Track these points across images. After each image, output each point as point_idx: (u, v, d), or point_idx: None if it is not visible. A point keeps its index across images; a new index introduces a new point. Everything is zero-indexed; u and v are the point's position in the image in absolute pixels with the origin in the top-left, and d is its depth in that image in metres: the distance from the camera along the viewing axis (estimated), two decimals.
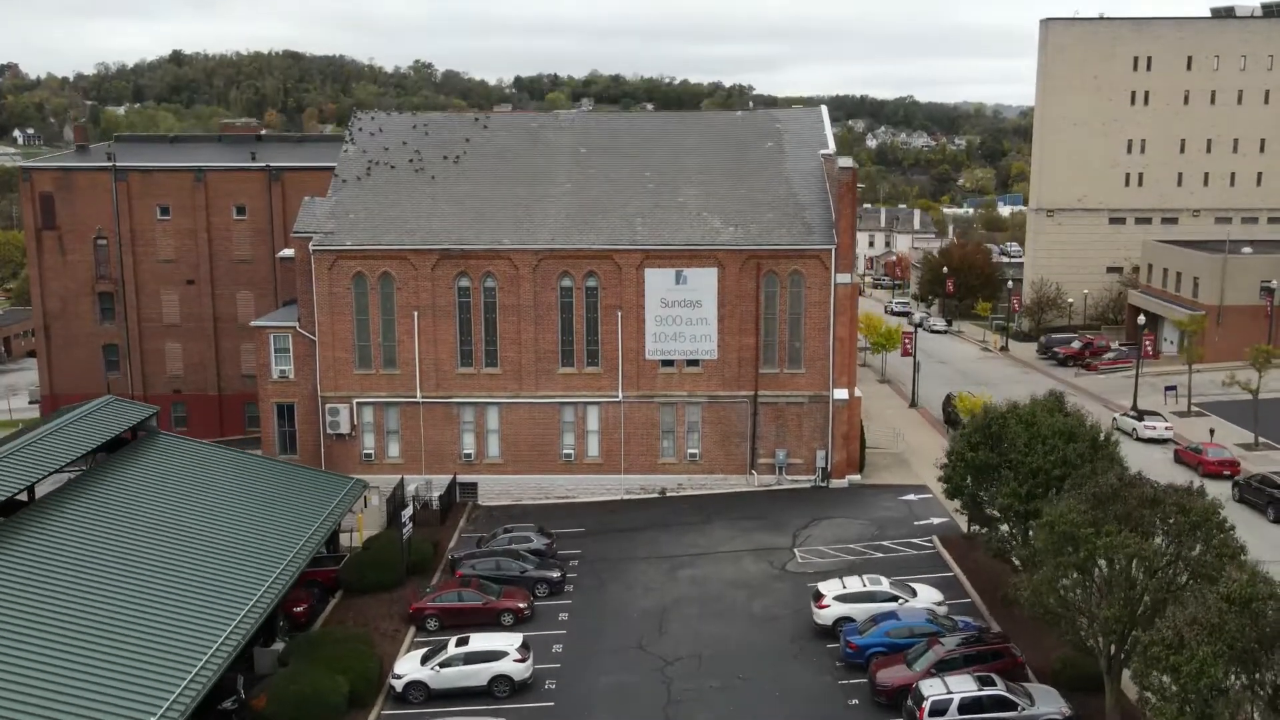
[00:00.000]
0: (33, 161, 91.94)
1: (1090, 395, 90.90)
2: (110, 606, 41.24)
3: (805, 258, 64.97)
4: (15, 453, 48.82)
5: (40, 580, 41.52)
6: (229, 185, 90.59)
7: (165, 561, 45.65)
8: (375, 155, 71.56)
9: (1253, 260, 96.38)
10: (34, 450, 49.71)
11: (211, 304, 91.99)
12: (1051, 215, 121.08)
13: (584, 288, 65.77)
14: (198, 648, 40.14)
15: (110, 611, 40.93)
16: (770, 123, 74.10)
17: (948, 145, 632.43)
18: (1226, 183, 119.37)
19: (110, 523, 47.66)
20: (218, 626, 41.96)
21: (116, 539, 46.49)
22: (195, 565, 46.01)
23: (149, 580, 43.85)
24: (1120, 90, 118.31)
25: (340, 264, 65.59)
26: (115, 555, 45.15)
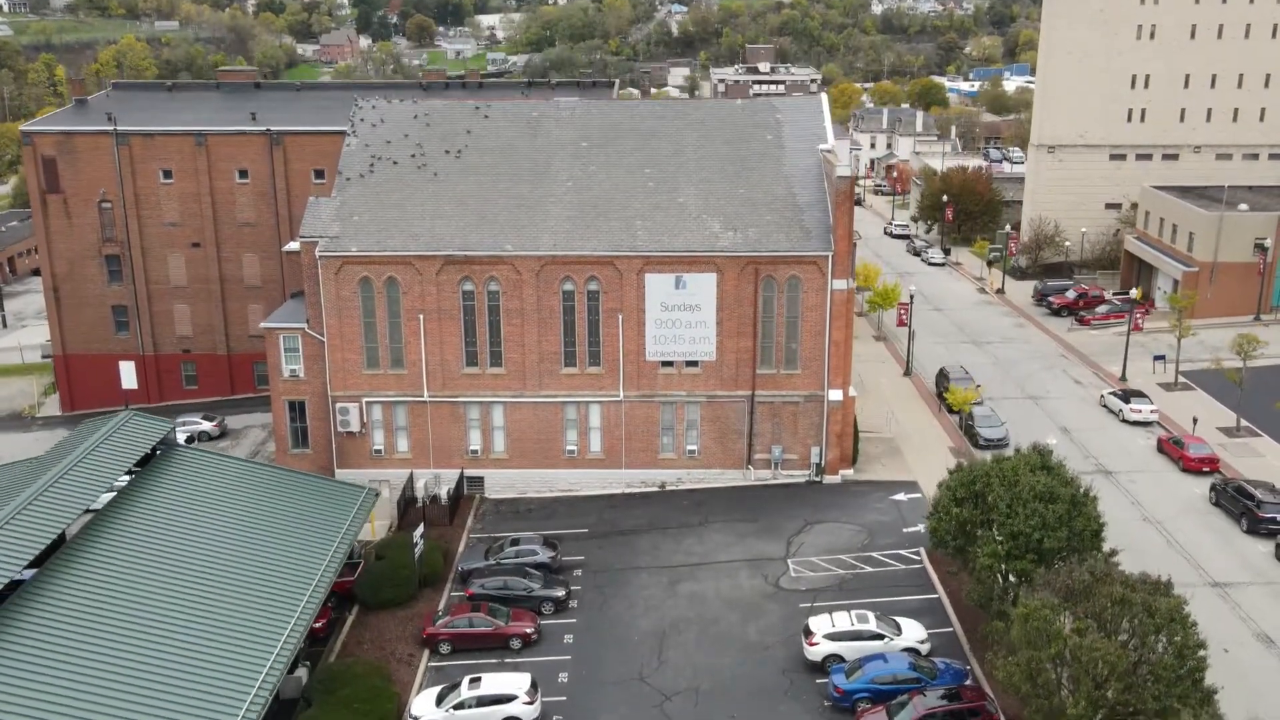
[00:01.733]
0: (33, 125, 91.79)
1: (1081, 357, 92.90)
2: (156, 642, 44.44)
3: (803, 263, 66.21)
4: (46, 491, 51.10)
5: (87, 619, 44.55)
6: (230, 149, 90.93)
7: (202, 591, 48.53)
8: (378, 149, 72.00)
9: (1248, 218, 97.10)
10: (65, 487, 51.93)
11: (218, 266, 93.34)
12: (1053, 152, 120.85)
13: (585, 291, 67.19)
14: (244, 680, 43.47)
15: (156, 647, 44.14)
16: (770, 113, 74.17)
17: (954, 10, 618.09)
18: (1229, 118, 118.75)
19: (145, 555, 50.19)
20: (258, 659, 45.11)
21: (154, 571, 49.17)
22: (231, 593, 48.99)
23: (190, 612, 46.85)
24: (1127, 24, 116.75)
25: (347, 269, 66.89)
26: (155, 588, 47.89)
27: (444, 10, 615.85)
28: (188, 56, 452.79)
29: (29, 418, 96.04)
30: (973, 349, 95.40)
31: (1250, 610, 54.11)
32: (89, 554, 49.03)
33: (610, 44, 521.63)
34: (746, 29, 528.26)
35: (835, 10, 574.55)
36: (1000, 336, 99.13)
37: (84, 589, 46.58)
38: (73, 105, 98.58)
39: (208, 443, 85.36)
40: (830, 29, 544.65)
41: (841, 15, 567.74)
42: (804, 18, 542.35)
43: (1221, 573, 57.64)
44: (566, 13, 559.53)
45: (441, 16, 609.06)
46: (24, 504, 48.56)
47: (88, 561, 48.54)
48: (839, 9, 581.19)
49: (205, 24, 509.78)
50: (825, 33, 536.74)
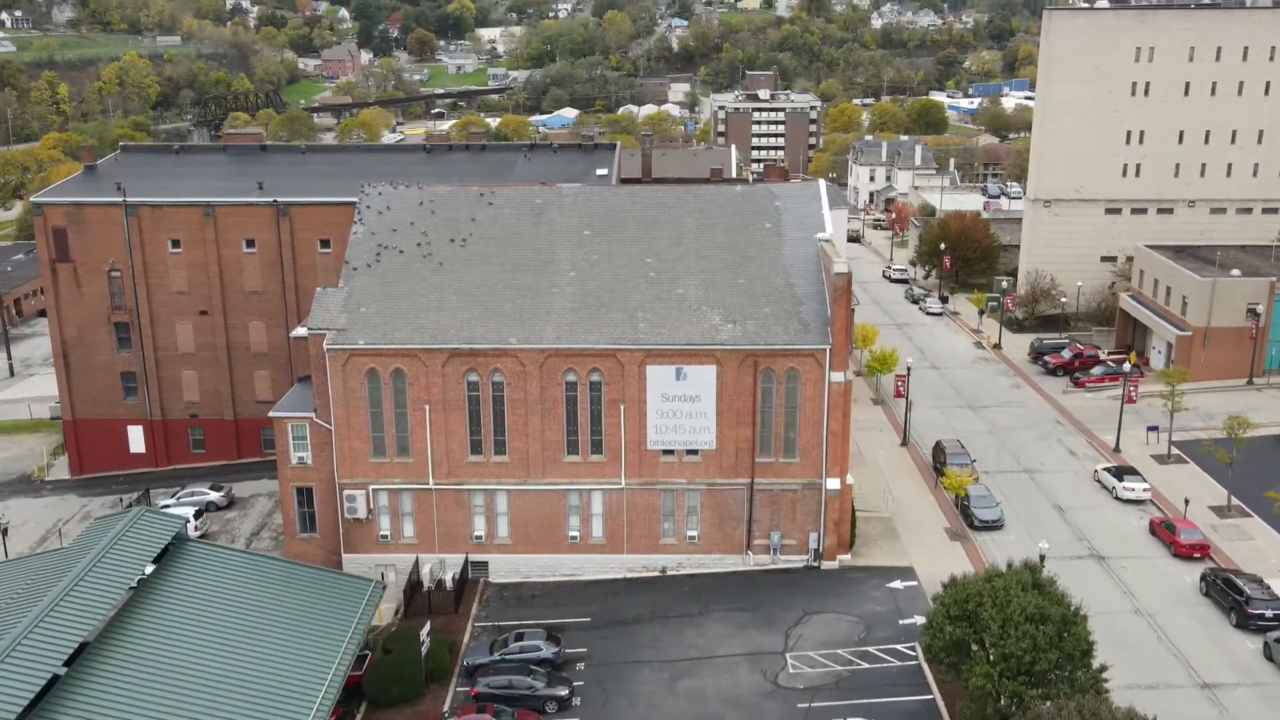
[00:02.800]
0: (44, 196, 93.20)
1: (1076, 424, 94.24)
2: None
3: (801, 356, 67.61)
4: (64, 597, 52.48)
5: None
6: (238, 219, 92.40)
7: (220, 693, 50.22)
8: (384, 238, 73.41)
9: (1240, 284, 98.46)
10: (85, 590, 53.32)
11: (225, 334, 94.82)
12: (1049, 206, 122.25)
13: (588, 383, 68.59)
14: None
15: None
16: (769, 200, 75.59)
17: (954, 25, 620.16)
18: (1223, 174, 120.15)
19: (164, 656, 51.89)
20: None
21: (172, 672, 50.88)
22: (247, 694, 50.66)
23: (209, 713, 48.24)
24: (1121, 81, 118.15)
25: (354, 361, 68.27)
26: (174, 690, 49.71)
27: (444, 24, 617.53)
28: (190, 73, 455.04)
29: (39, 481, 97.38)
30: (969, 414, 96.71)
31: (1239, 715, 55.39)
32: (110, 656, 50.63)
33: (611, 59, 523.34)
34: (746, 44, 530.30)
35: (835, 25, 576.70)
36: (996, 400, 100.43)
37: (107, 692, 48.19)
38: (82, 172, 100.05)
39: (215, 513, 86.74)
40: (830, 44, 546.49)
41: (841, 30, 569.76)
42: (804, 33, 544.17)
43: (1211, 672, 58.93)
44: (567, 27, 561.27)
45: (442, 30, 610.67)
46: (48, 608, 50.49)
47: (109, 663, 50.15)
48: (839, 23, 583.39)
49: (207, 39, 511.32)
50: (825, 48, 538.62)
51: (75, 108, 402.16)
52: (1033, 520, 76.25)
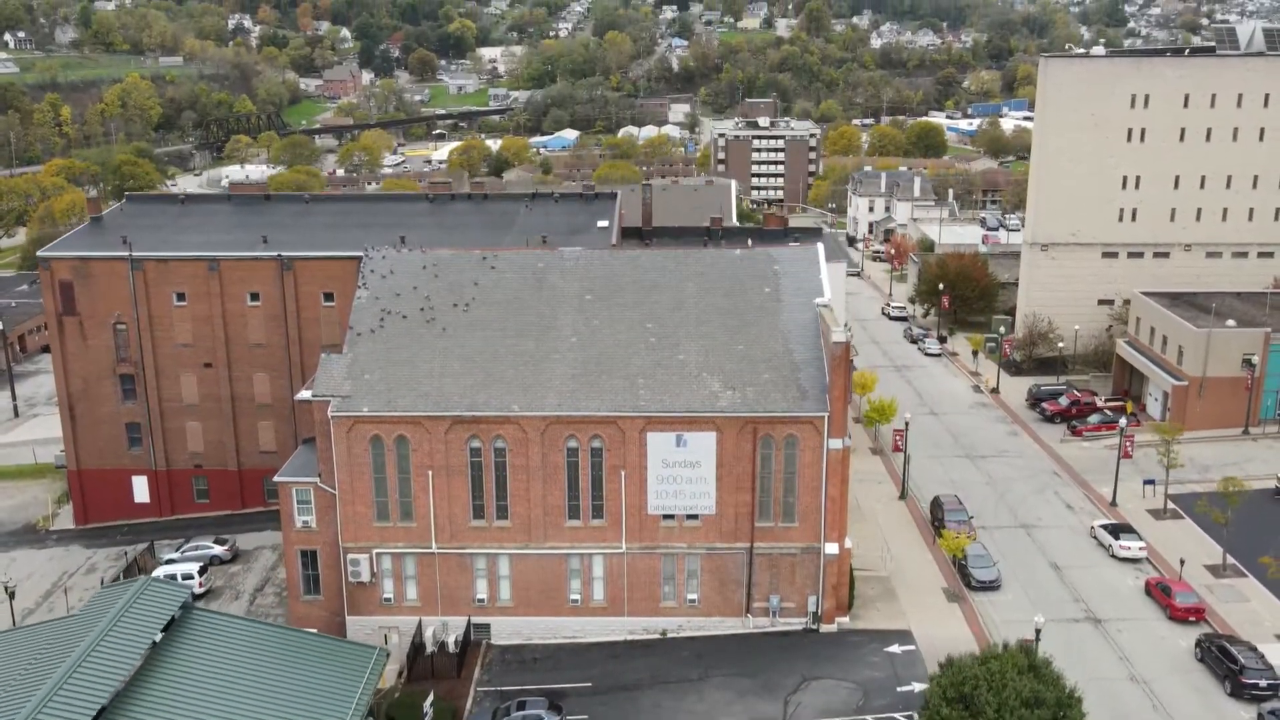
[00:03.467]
0: (51, 251, 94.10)
1: (1073, 475, 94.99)
2: None
3: (800, 423, 68.43)
4: (78, 668, 53.25)
5: None
6: (242, 273, 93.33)
7: None
8: (387, 302, 74.33)
9: (1235, 335, 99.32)
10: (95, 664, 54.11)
11: (229, 385, 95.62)
12: (1046, 250, 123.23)
13: (589, 449, 69.41)
14: None
15: None
16: (768, 264, 76.54)
17: (953, 45, 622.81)
18: (1218, 218, 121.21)
19: None
20: None
21: None
22: None
23: None
24: (1117, 127, 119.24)
25: (358, 428, 69.11)
26: None
27: (446, 43, 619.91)
28: (192, 95, 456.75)
29: (43, 531, 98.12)
30: (967, 465, 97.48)
31: None
32: None
33: (611, 79, 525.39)
34: (746, 65, 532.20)
35: (834, 45, 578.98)
36: (994, 449, 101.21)
37: None
38: (88, 224, 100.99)
39: (219, 566, 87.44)
40: (830, 64, 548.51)
41: (841, 50, 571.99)
42: (803, 53, 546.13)
43: None
44: (568, 48, 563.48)
45: (443, 50, 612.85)
46: (63, 679, 51.57)
47: None
48: (838, 44, 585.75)
49: (209, 60, 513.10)
50: (825, 68, 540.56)
51: (78, 130, 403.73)
52: (1030, 580, 76.96)
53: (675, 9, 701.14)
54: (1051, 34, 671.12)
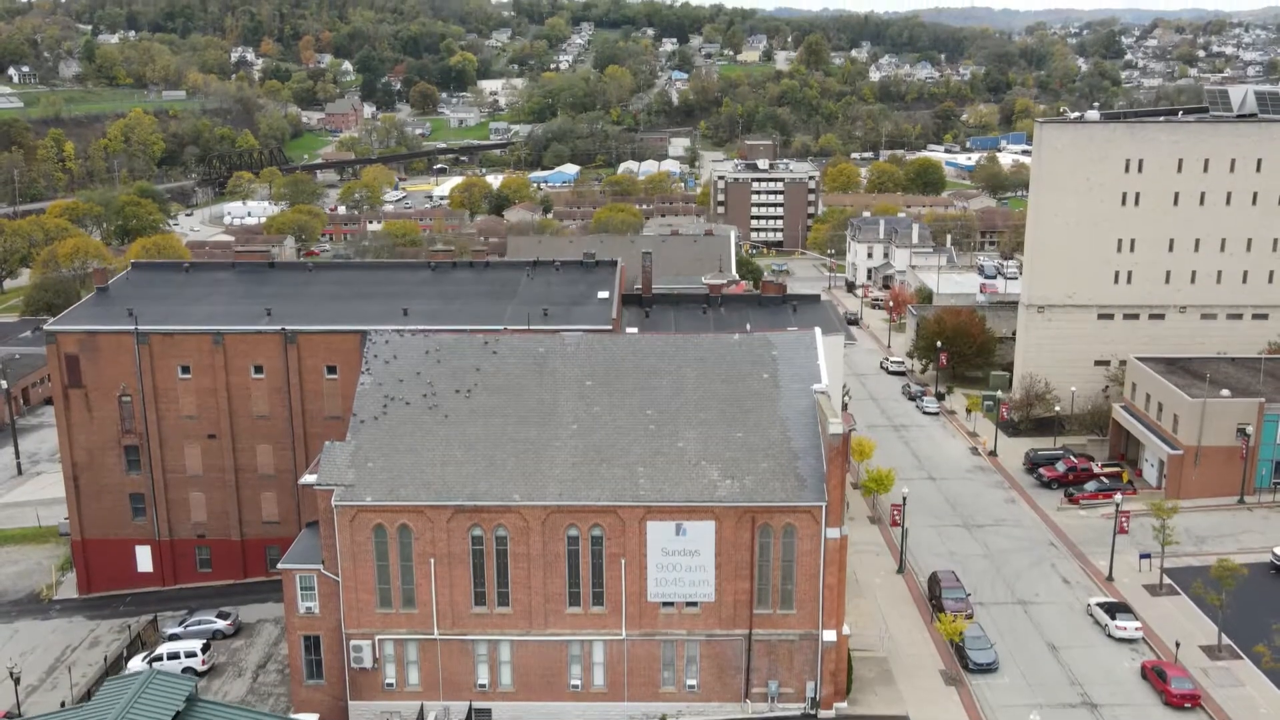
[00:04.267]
0: (57, 325, 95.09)
1: (1069, 546, 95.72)
2: None
3: (798, 513, 69.32)
4: None
5: None
6: (246, 346, 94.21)
7: None
8: (390, 389, 75.31)
9: (1230, 405, 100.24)
10: None
11: (233, 457, 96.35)
12: (1042, 312, 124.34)
13: (590, 537, 70.27)
14: None
15: None
16: (766, 349, 77.57)
17: (951, 77, 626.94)
18: (1213, 280, 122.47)
19: None
20: None
21: None
22: None
23: None
24: (1112, 191, 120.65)
25: (361, 517, 70.01)
26: None
27: (447, 76, 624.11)
28: (194, 130, 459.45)
29: (47, 601, 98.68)
30: (964, 535, 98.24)
31: None
32: None
33: (612, 113, 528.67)
34: (746, 99, 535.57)
35: (834, 78, 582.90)
36: (992, 518, 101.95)
37: None
38: (94, 295, 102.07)
39: (222, 641, 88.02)
40: (829, 97, 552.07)
41: (840, 83, 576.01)
42: (803, 87, 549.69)
43: None
44: (569, 82, 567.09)
45: (444, 82, 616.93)
46: None
47: None
48: (837, 77, 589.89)
49: (212, 94, 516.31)
50: (824, 101, 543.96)
51: (81, 165, 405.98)
52: (1027, 661, 77.60)
53: (675, 41, 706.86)
54: (1049, 66, 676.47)
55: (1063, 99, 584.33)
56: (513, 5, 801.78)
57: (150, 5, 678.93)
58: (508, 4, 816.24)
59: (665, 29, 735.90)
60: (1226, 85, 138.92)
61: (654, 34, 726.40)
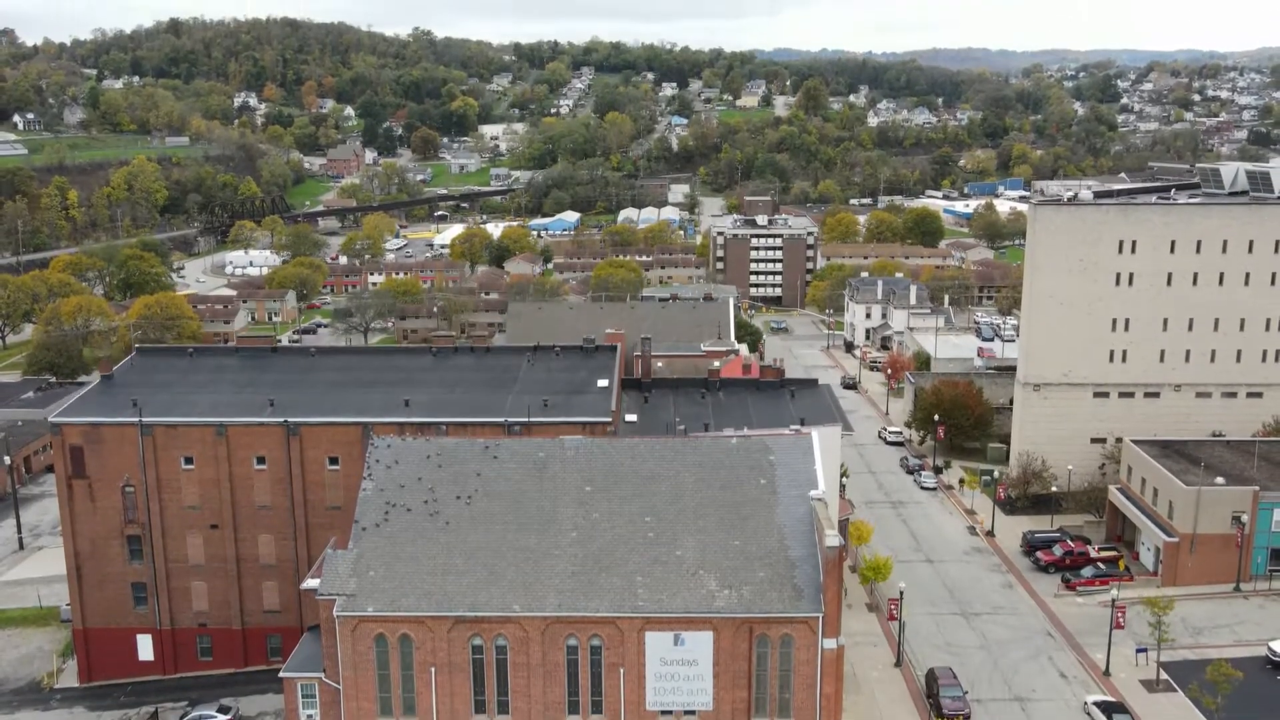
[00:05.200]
0: (62, 416, 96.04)
1: (1067, 636, 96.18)
2: None
3: (795, 623, 69.97)
4: None
5: None
6: (249, 438, 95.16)
7: None
8: (392, 495, 76.18)
9: (1225, 493, 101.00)
10: None
11: (234, 546, 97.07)
12: (1038, 390, 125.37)
13: (589, 647, 70.92)
14: None
15: None
16: (764, 454, 78.49)
17: (949, 122, 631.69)
18: (1207, 359, 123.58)
19: None
20: None
21: None
22: None
23: None
24: (1106, 271, 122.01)
25: (363, 626, 70.69)
26: None
27: (448, 121, 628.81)
28: (197, 177, 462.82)
29: (47, 690, 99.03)
30: (962, 624, 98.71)
31: None
32: None
33: (612, 159, 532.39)
34: (745, 144, 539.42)
35: (832, 124, 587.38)
36: (989, 605, 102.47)
37: None
38: (99, 383, 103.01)
39: None
40: (827, 143, 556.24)
41: (838, 128, 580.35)
42: (801, 133, 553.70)
43: None
44: (570, 128, 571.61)
45: (446, 127, 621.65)
46: None
47: None
48: (836, 122, 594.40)
49: (215, 141, 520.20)
50: (823, 147, 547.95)
51: (85, 214, 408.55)
52: None
53: (675, 86, 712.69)
54: (1046, 110, 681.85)
55: (1059, 144, 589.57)
56: (514, 50, 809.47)
57: (155, 51, 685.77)
58: (508, 48, 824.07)
59: (665, 73, 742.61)
60: (1219, 164, 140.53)
61: (654, 78, 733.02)
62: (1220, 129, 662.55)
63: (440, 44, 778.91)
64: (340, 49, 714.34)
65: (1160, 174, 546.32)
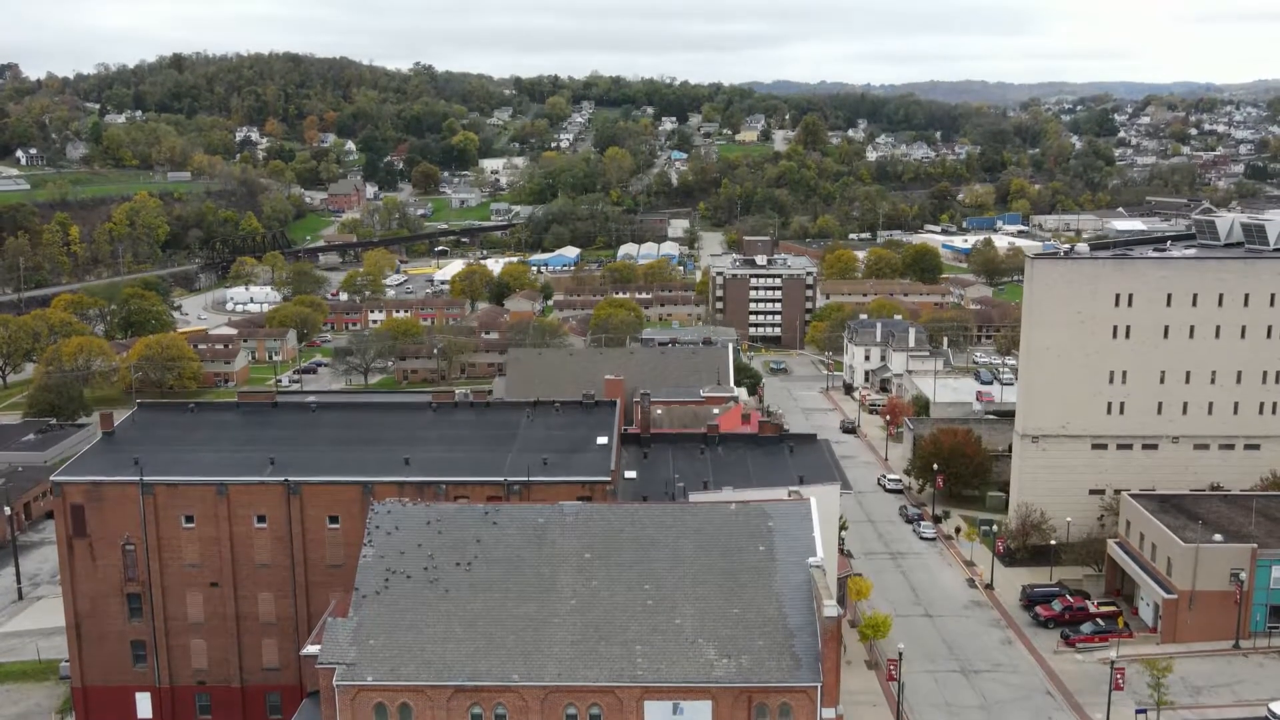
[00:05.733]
0: (63, 476, 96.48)
1: (1066, 696, 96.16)
2: None
3: (794, 692, 70.13)
4: None
5: None
6: (250, 497, 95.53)
7: None
8: (392, 561, 76.50)
9: (1223, 551, 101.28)
10: None
11: (234, 604, 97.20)
12: (1036, 442, 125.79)
13: (588, 715, 71.00)
14: None
15: None
16: (762, 520, 78.84)
17: (947, 157, 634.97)
18: (1204, 411, 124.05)
19: None
20: None
21: None
22: None
23: None
24: (1103, 324, 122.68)
25: (363, 696, 70.87)
26: None
27: (449, 155, 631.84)
28: (198, 213, 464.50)
29: None
30: (961, 681, 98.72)
31: None
32: None
33: (612, 194, 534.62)
34: (745, 180, 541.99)
35: (831, 158, 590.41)
36: (988, 661, 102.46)
37: None
38: (101, 440, 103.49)
39: None
40: (826, 177, 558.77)
41: (837, 163, 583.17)
42: (800, 168, 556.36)
43: None
44: (570, 163, 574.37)
45: (446, 161, 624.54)
46: None
47: None
48: (834, 156, 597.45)
49: (217, 176, 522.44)
50: (822, 181, 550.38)
51: (86, 249, 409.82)
52: None
53: (674, 120, 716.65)
54: (1043, 144, 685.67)
55: (1057, 179, 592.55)
56: (514, 84, 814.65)
57: (157, 86, 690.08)
58: (509, 82, 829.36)
59: (665, 107, 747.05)
60: (1214, 216, 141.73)
61: (654, 113, 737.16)
62: (1217, 163, 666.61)
63: (441, 78, 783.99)
64: (342, 83, 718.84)
65: (1158, 208, 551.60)
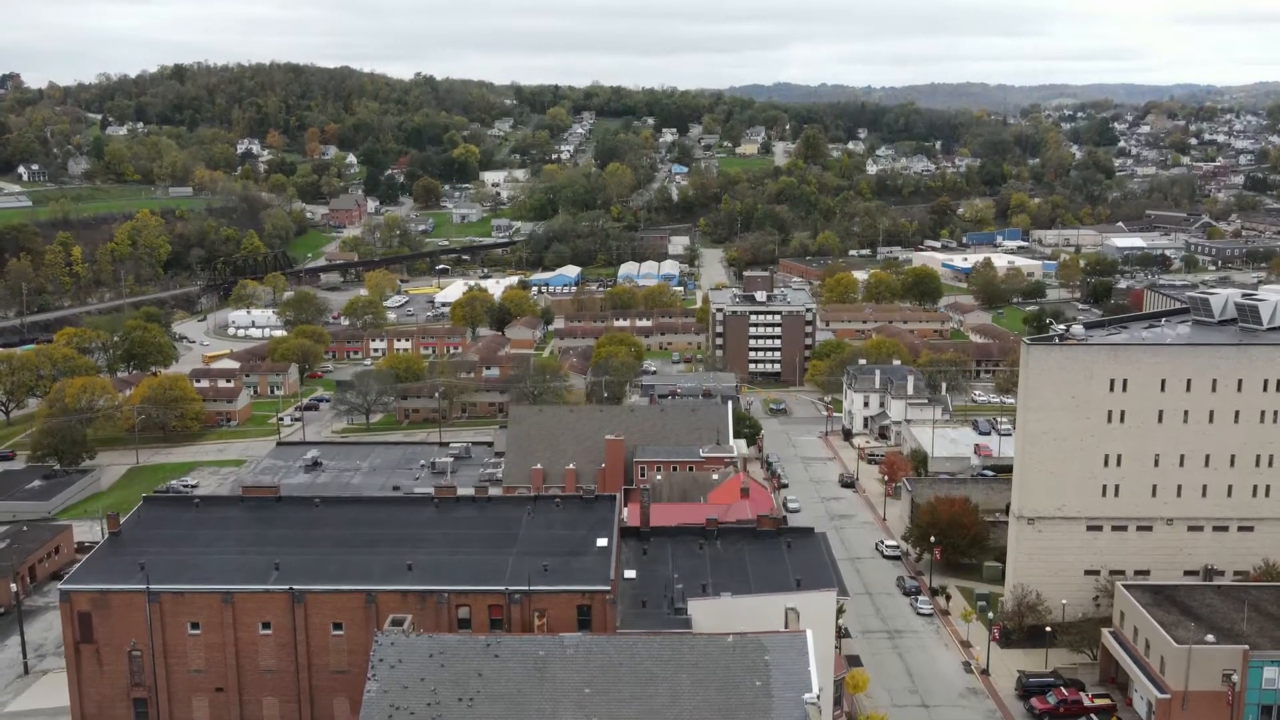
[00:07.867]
0: (71, 584, 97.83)
1: None
2: None
3: None
4: None
5: None
6: (255, 604, 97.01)
7: None
8: (396, 697, 77.73)
9: (1216, 652, 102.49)
10: None
11: (239, 709, 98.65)
12: (1032, 524, 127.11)
13: None
14: None
15: None
16: (759, 654, 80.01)
17: (947, 170, 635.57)
18: (1199, 494, 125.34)
19: None
20: None
21: None
22: None
23: None
24: (1098, 409, 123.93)
25: None
26: None
27: (450, 168, 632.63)
28: (200, 231, 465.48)
29: None
30: None
31: None
32: None
33: (612, 210, 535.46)
34: (745, 195, 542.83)
35: (831, 172, 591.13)
36: None
37: None
38: (108, 541, 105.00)
39: None
40: (826, 192, 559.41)
41: (837, 177, 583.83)
42: (800, 183, 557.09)
43: None
44: (570, 178, 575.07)
45: (447, 175, 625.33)
46: None
47: None
48: (834, 170, 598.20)
49: (219, 192, 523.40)
50: (822, 197, 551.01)
51: (89, 270, 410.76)
52: None
53: (675, 132, 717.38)
54: (1043, 154, 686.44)
55: (1057, 192, 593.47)
56: (514, 93, 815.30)
57: (159, 97, 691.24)
58: (509, 90, 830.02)
59: (665, 118, 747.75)
60: (1209, 293, 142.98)
61: (654, 123, 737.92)
62: (1217, 174, 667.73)
63: (442, 87, 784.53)
64: (343, 94, 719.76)
65: (1157, 222, 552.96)
